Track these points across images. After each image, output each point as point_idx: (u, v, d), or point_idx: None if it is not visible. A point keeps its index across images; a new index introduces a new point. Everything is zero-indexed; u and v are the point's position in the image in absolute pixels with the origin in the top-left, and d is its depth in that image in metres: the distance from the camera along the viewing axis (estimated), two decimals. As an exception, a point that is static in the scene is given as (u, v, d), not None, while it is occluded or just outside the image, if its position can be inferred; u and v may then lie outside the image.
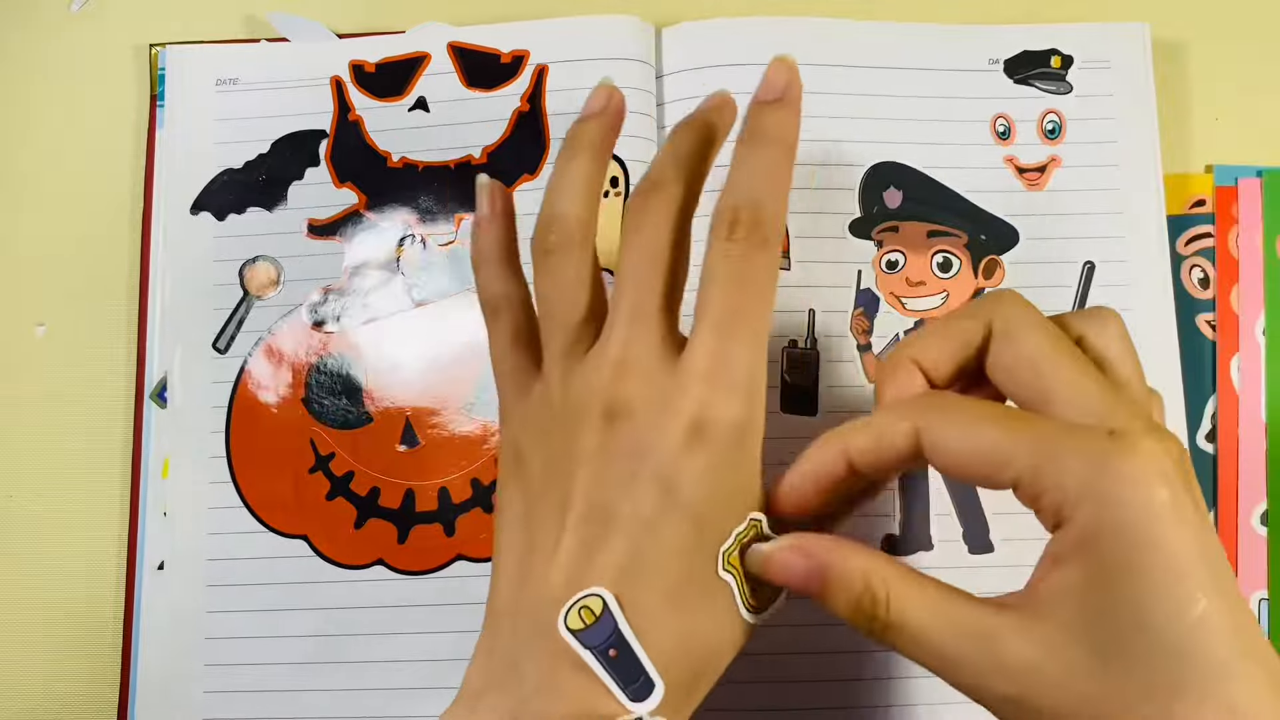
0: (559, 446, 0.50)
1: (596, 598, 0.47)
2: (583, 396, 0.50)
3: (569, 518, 0.48)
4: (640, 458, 0.48)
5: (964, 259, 0.67)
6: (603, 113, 0.55)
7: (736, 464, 0.48)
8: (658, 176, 0.53)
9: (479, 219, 0.57)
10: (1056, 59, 0.69)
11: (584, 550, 0.48)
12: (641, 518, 0.47)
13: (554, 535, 0.48)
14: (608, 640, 0.46)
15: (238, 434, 0.66)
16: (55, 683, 0.67)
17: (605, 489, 0.48)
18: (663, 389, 0.48)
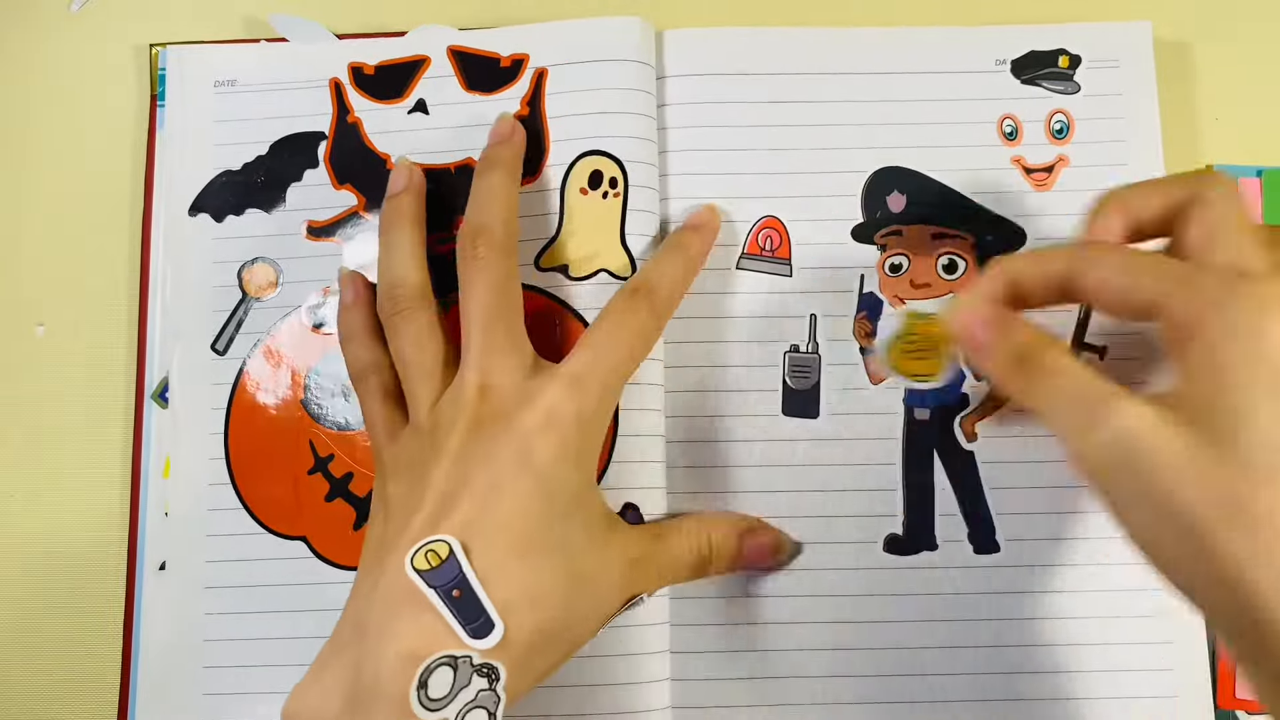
0: (419, 459, 0.57)
1: (443, 543, 0.52)
2: (449, 415, 0.57)
3: (425, 498, 0.55)
4: (499, 436, 0.55)
5: (970, 260, 0.67)
6: (407, 188, 0.64)
7: (580, 449, 0.57)
8: (483, 222, 0.61)
9: (344, 305, 0.64)
10: (1064, 59, 0.69)
11: (432, 520, 0.54)
12: (493, 483, 0.54)
13: (408, 515, 0.55)
14: (451, 581, 0.51)
15: (236, 435, 0.66)
16: (55, 683, 0.67)
17: (465, 468, 0.55)
18: (524, 392, 0.57)
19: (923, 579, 0.65)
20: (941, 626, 0.64)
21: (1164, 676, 0.63)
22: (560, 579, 0.55)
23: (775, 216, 0.67)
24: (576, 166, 0.67)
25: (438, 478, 0.55)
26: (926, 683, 0.64)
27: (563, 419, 0.56)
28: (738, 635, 0.64)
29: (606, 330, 0.59)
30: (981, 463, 0.65)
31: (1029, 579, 0.64)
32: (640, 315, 0.60)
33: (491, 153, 0.64)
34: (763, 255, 0.67)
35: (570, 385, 0.57)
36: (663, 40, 0.69)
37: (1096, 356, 0.65)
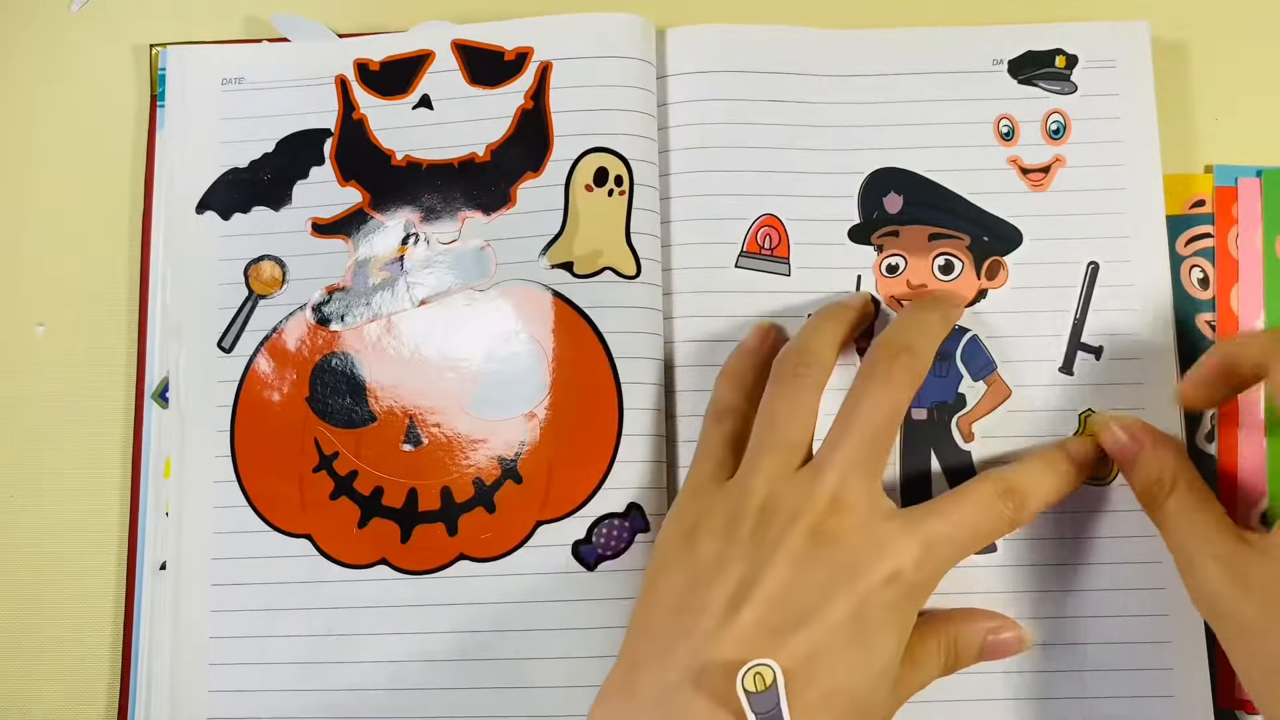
0: (744, 538, 0.56)
1: (769, 669, 0.50)
2: (792, 508, 0.56)
3: (754, 596, 0.54)
4: (840, 573, 0.54)
5: (966, 261, 0.67)
6: (863, 310, 0.66)
7: (905, 612, 0.56)
8: (915, 342, 0.61)
9: (746, 348, 0.65)
10: (1061, 59, 0.69)
11: (763, 628, 0.53)
12: (827, 624, 0.53)
13: (726, 605, 0.54)
14: (769, 712, 0.50)
15: (242, 433, 0.66)
16: (55, 683, 0.67)
17: (798, 587, 0.54)
18: (874, 532, 0.56)
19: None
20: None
21: (1163, 676, 0.63)
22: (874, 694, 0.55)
23: (774, 215, 0.67)
24: (582, 163, 0.67)
25: (769, 577, 0.54)
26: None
27: (905, 582, 0.55)
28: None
29: (971, 508, 0.58)
30: (978, 462, 0.65)
31: (1026, 579, 0.64)
32: (1002, 516, 0.58)
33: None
34: (761, 254, 0.67)
35: (923, 551, 0.55)
36: (664, 38, 0.69)
37: (1093, 357, 0.66)
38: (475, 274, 0.67)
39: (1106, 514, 0.64)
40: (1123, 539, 0.64)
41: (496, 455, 0.65)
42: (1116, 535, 0.64)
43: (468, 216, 0.67)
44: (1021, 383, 0.66)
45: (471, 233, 0.67)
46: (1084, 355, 0.66)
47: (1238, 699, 0.63)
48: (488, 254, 0.67)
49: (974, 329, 0.66)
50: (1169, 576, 0.63)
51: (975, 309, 0.66)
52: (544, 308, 0.66)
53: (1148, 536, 0.63)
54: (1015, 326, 0.66)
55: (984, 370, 0.66)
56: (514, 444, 0.65)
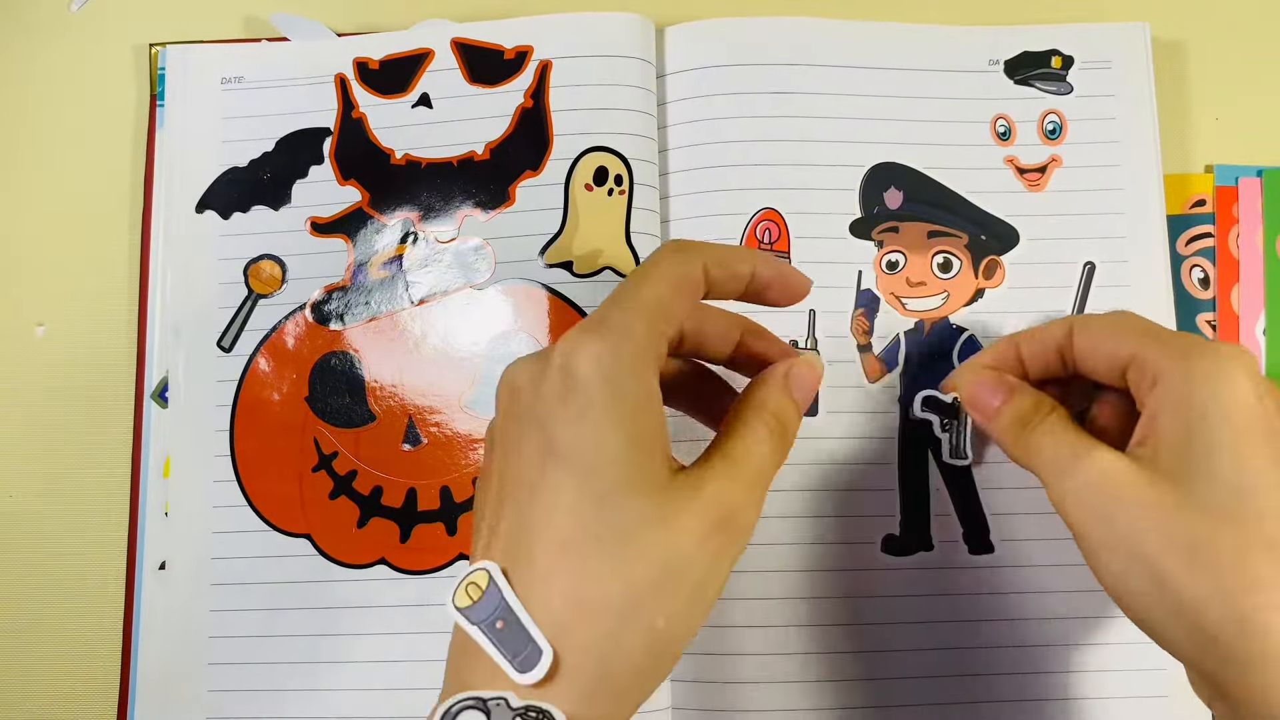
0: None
1: (482, 572, 0.45)
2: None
3: (482, 518, 0.49)
4: (523, 423, 0.48)
5: (964, 259, 0.67)
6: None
7: (610, 410, 0.46)
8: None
9: None
10: (1057, 59, 0.69)
11: (487, 535, 0.48)
12: (525, 481, 0.46)
13: (474, 550, 0.49)
14: (494, 612, 0.44)
15: (242, 432, 0.66)
16: (55, 683, 0.67)
17: (503, 465, 0.48)
18: (541, 356, 0.49)
19: (919, 579, 0.65)
20: (937, 627, 0.64)
21: (1157, 675, 0.64)
22: (609, 568, 0.45)
23: (774, 209, 0.67)
24: (581, 162, 0.67)
25: (486, 484, 0.49)
26: (923, 684, 0.64)
27: (577, 380, 0.46)
28: (736, 637, 0.64)
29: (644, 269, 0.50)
30: (976, 465, 0.66)
31: (1023, 579, 0.64)
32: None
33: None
34: (761, 249, 0.67)
35: (581, 330, 0.48)
36: (663, 37, 0.69)
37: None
38: (474, 273, 0.67)
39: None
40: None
41: (497, 455, 0.65)
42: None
43: (467, 215, 0.67)
44: (1020, 383, 0.66)
45: (470, 231, 0.67)
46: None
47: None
48: (486, 253, 0.67)
49: (971, 329, 0.66)
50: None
51: (973, 308, 0.67)
52: (543, 307, 0.66)
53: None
54: (1012, 326, 0.67)
55: (982, 371, 0.66)
56: (514, 443, 0.65)
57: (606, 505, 0.45)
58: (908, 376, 0.66)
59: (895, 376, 0.66)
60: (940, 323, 0.67)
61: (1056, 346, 0.57)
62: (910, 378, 0.66)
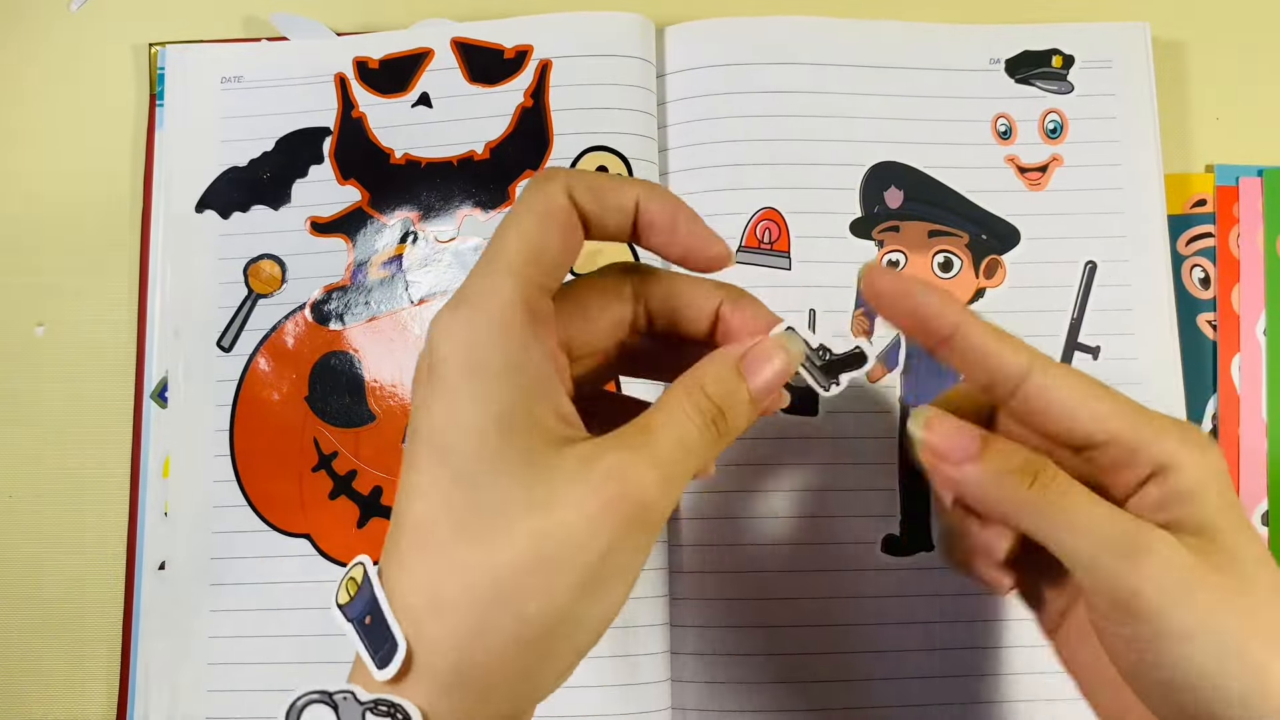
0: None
1: (359, 566, 0.43)
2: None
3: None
4: (415, 409, 0.44)
5: (965, 259, 0.67)
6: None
7: (471, 382, 0.42)
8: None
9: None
10: (1058, 58, 0.69)
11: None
12: (405, 472, 0.43)
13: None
14: (365, 608, 0.43)
15: (241, 432, 0.66)
16: (55, 682, 0.67)
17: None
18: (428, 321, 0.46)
19: (919, 580, 0.65)
20: (937, 627, 0.64)
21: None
22: (482, 558, 0.41)
23: (774, 208, 0.67)
24: (581, 162, 0.67)
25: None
26: (923, 684, 0.64)
27: (435, 358, 0.43)
28: (736, 638, 0.64)
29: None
30: (978, 462, 0.65)
31: (1023, 578, 0.64)
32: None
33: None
34: (761, 248, 0.67)
35: (448, 304, 0.44)
36: (663, 37, 0.70)
37: (1090, 357, 0.66)
38: (472, 272, 0.66)
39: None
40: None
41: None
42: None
43: (466, 215, 0.67)
44: (1020, 382, 0.66)
45: (470, 231, 0.67)
46: (1081, 355, 0.66)
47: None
48: (487, 252, 0.67)
49: (973, 328, 0.66)
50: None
51: (973, 308, 0.66)
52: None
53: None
54: (1013, 326, 0.66)
55: (983, 370, 0.66)
56: (513, 442, 0.65)
57: (468, 487, 0.41)
58: (908, 376, 0.66)
59: (896, 376, 0.66)
60: (941, 322, 0.67)
61: (1009, 376, 0.48)
62: (910, 377, 0.66)
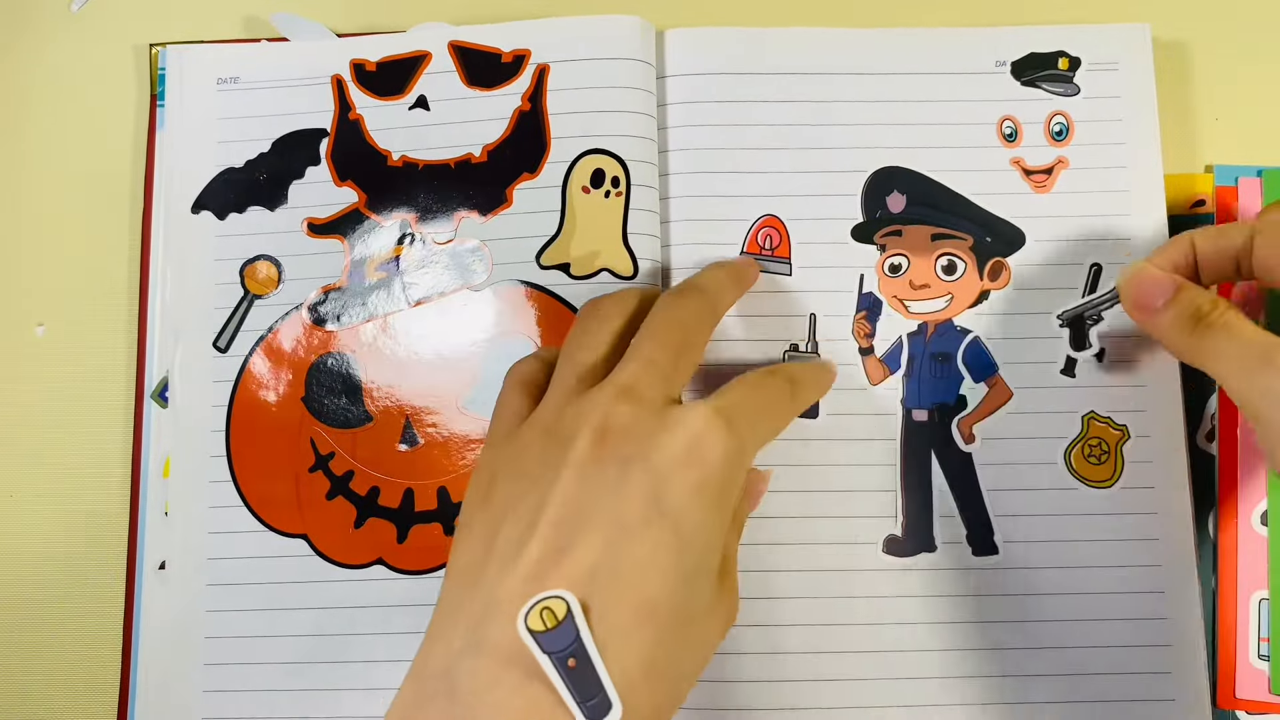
0: (536, 465, 0.51)
1: (560, 600, 0.45)
2: (578, 416, 0.51)
3: (540, 523, 0.48)
4: (631, 464, 0.48)
5: (969, 261, 0.67)
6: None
7: (722, 494, 0.50)
8: (704, 282, 0.60)
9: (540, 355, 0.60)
10: (1064, 60, 0.69)
11: (552, 553, 0.47)
12: (622, 522, 0.47)
13: (517, 543, 0.48)
14: (568, 648, 0.44)
15: (238, 433, 0.66)
16: (55, 682, 0.67)
17: (586, 493, 0.48)
18: (665, 414, 0.50)
19: (921, 581, 0.65)
20: (939, 628, 0.64)
21: (1162, 679, 0.63)
22: (680, 647, 0.48)
23: (775, 215, 0.67)
24: (578, 164, 0.67)
25: (555, 497, 0.49)
26: (925, 685, 0.64)
27: (707, 455, 0.49)
28: (738, 638, 0.64)
29: (756, 380, 0.55)
30: (979, 464, 0.65)
31: (1027, 581, 0.64)
32: (782, 388, 0.56)
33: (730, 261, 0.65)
34: (762, 254, 0.67)
35: (718, 415, 0.50)
36: (663, 39, 0.69)
37: (1093, 359, 0.65)
38: (471, 274, 0.67)
39: (1106, 517, 0.64)
40: (1122, 542, 0.64)
41: (493, 457, 0.65)
42: (1116, 539, 0.64)
43: (464, 217, 0.67)
44: (1023, 384, 0.66)
45: (467, 233, 0.67)
46: (1085, 357, 0.66)
47: (1237, 699, 0.63)
48: (484, 254, 0.67)
49: (976, 330, 0.66)
50: (1168, 580, 0.63)
51: (977, 310, 0.66)
52: (540, 309, 0.66)
53: (1147, 540, 0.63)
54: (1017, 328, 0.66)
55: (985, 372, 0.66)
56: (511, 444, 0.65)
57: (689, 583, 0.48)
58: (910, 378, 0.66)
59: (898, 379, 0.66)
60: (944, 325, 0.67)
61: (1234, 251, 0.58)
62: (913, 380, 0.66)
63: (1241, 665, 0.63)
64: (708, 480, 0.49)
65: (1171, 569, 0.63)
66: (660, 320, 0.55)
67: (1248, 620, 0.64)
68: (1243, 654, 0.63)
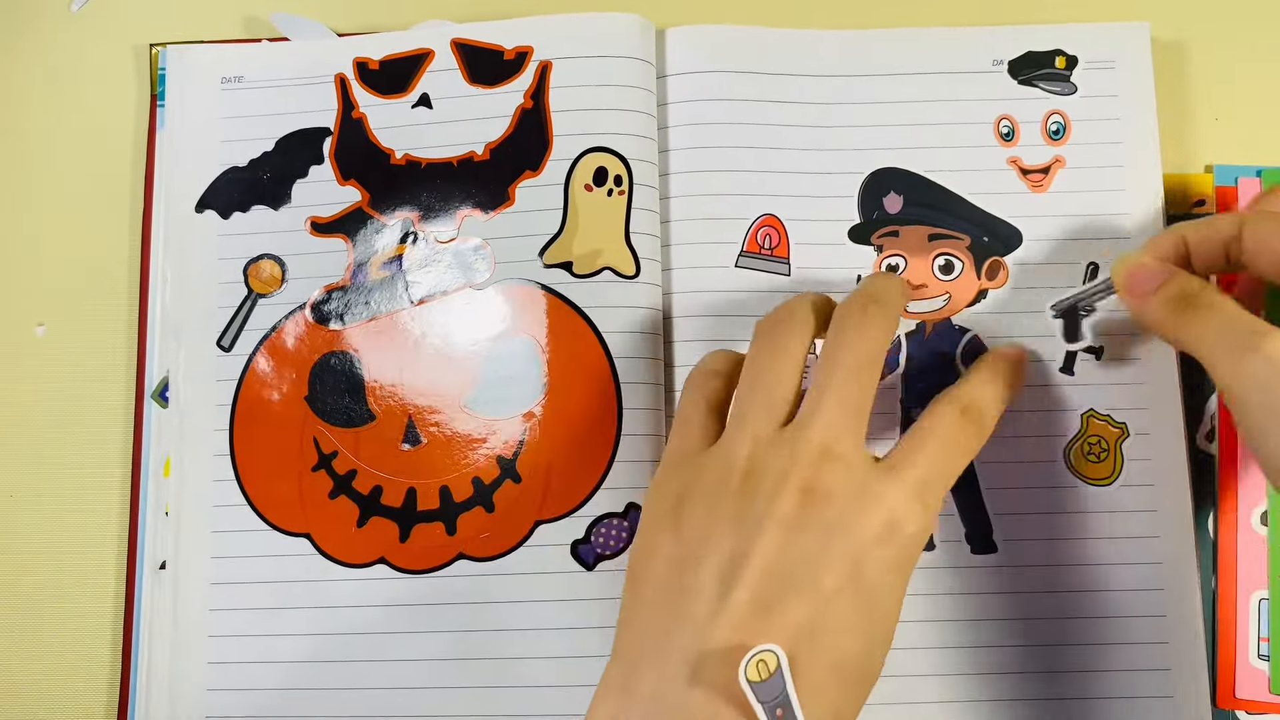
0: (736, 507, 0.53)
1: (771, 654, 0.47)
2: (779, 467, 0.53)
3: (745, 572, 0.51)
4: (834, 535, 0.51)
5: (966, 261, 0.67)
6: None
7: (906, 569, 0.53)
8: (882, 294, 0.58)
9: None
10: (1061, 59, 0.69)
11: (758, 606, 0.50)
12: (824, 590, 0.50)
13: (718, 585, 0.51)
14: (776, 699, 0.47)
15: (241, 432, 0.66)
16: (55, 682, 0.67)
17: (791, 555, 0.51)
18: (865, 484, 0.52)
19: (920, 580, 0.64)
20: (939, 627, 0.64)
21: (1162, 676, 0.63)
22: (859, 702, 0.52)
23: (774, 215, 0.67)
24: (581, 162, 0.67)
25: (761, 550, 0.51)
26: (924, 684, 0.64)
27: (902, 534, 0.52)
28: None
29: (942, 438, 0.56)
30: (979, 463, 0.65)
31: (1026, 579, 0.64)
32: (969, 437, 0.57)
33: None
34: (761, 254, 0.67)
35: (916, 496, 0.53)
36: (664, 38, 0.69)
37: (1094, 357, 0.66)
38: (474, 273, 0.67)
39: (1106, 515, 0.64)
40: (1122, 540, 0.64)
41: (495, 454, 0.65)
42: (1115, 536, 0.64)
43: (466, 215, 0.67)
44: (1022, 383, 0.66)
45: (470, 231, 0.67)
46: (1084, 355, 0.66)
47: (1237, 699, 0.63)
48: (486, 253, 0.67)
49: (974, 329, 0.66)
50: (1167, 577, 0.64)
51: (976, 309, 0.67)
52: (542, 307, 0.66)
53: (1147, 537, 0.64)
54: (1015, 327, 0.66)
55: (984, 370, 0.66)
56: (513, 443, 0.65)
57: (873, 648, 0.52)
58: (909, 378, 0.66)
59: (896, 378, 0.66)
60: (942, 324, 0.67)
61: (1223, 241, 0.58)
62: (912, 379, 0.66)
63: (1241, 665, 0.63)
64: (902, 559, 0.52)
65: (1171, 566, 0.63)
66: (850, 353, 0.56)
67: (1247, 620, 0.64)
68: (1242, 654, 0.64)
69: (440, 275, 0.66)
